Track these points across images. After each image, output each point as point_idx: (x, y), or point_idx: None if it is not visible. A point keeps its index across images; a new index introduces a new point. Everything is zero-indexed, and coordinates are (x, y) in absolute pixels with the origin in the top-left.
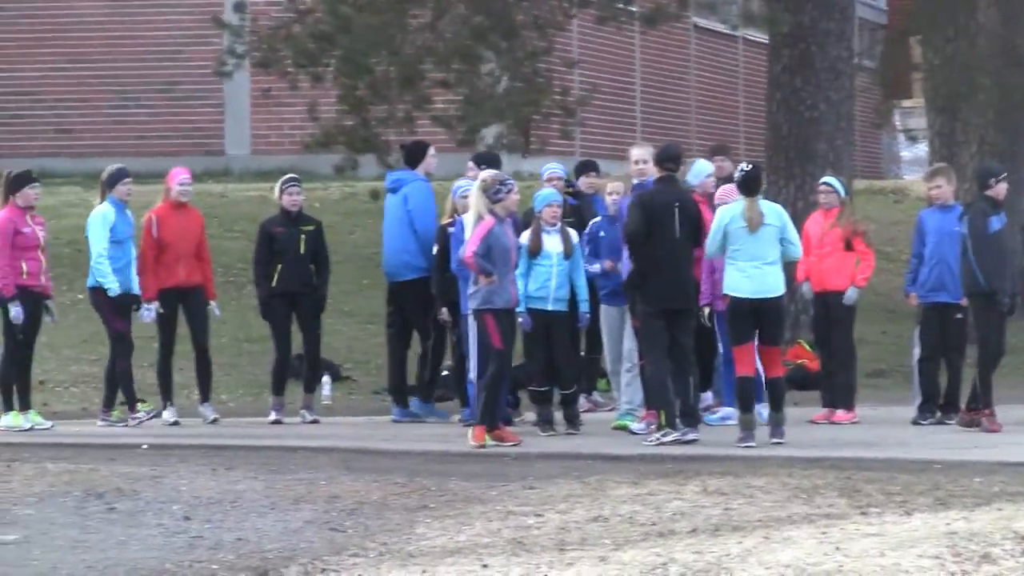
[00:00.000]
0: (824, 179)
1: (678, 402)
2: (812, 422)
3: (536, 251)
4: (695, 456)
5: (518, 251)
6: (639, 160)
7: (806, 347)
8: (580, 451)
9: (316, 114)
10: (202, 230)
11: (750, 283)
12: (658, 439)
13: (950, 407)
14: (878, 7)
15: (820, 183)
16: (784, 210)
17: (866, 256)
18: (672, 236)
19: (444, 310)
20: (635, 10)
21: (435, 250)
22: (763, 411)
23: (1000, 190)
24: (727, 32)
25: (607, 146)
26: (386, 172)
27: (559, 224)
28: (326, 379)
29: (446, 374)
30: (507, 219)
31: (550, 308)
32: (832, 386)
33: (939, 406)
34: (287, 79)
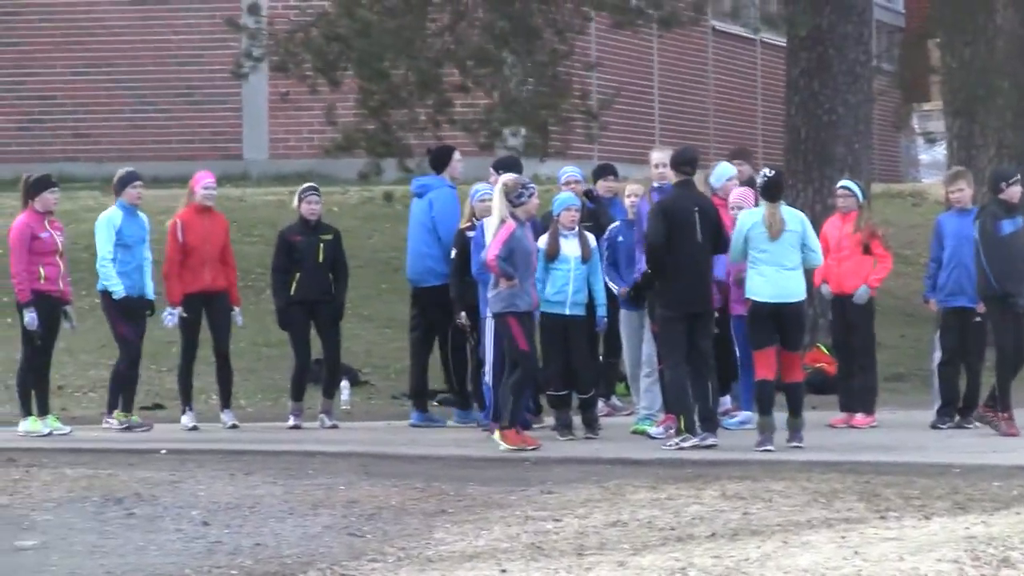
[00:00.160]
0: (842, 183)
1: (697, 407)
2: (831, 426)
3: (554, 255)
4: (714, 460)
5: (537, 255)
6: (659, 164)
7: (824, 351)
8: (599, 455)
9: (334, 118)
10: (227, 234)
11: (771, 288)
12: (677, 444)
13: (969, 411)
14: (896, 10)
15: (838, 187)
16: (806, 217)
17: (884, 259)
18: (693, 240)
19: (463, 314)
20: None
21: (453, 254)
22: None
23: (1013, 193)
24: (745, 35)
25: (625, 150)
26: (408, 176)
27: (577, 228)
28: (345, 384)
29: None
30: (527, 223)
31: (568, 312)
32: (851, 390)
33: (958, 410)
34: (306, 83)
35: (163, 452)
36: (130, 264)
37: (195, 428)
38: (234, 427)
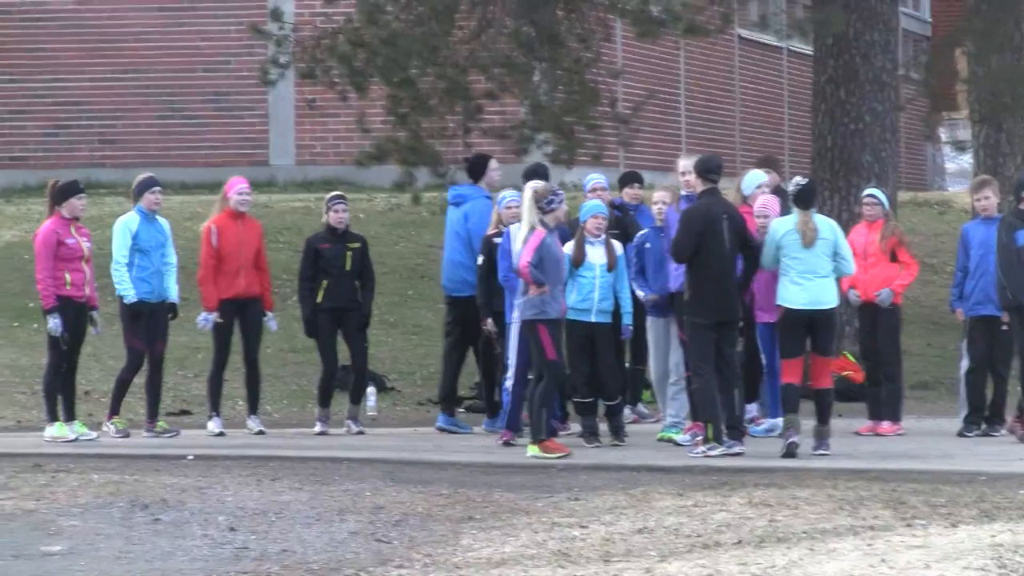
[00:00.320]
0: (868, 191)
1: (724, 415)
2: (857, 434)
3: (579, 262)
4: (740, 468)
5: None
6: (686, 171)
7: (851, 359)
8: (625, 462)
9: (366, 125)
10: (261, 240)
11: (804, 295)
12: (704, 452)
13: (995, 419)
14: (922, 18)
15: (865, 195)
16: (838, 225)
17: (910, 266)
18: (722, 249)
19: (489, 321)
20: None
21: (480, 260)
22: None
23: None
24: (772, 43)
25: (652, 158)
26: (441, 181)
27: (603, 236)
28: (371, 390)
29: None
30: (555, 230)
31: (593, 320)
32: (878, 398)
33: (984, 418)
34: (334, 90)
35: (190, 458)
36: (148, 269)
37: (221, 434)
38: (260, 433)
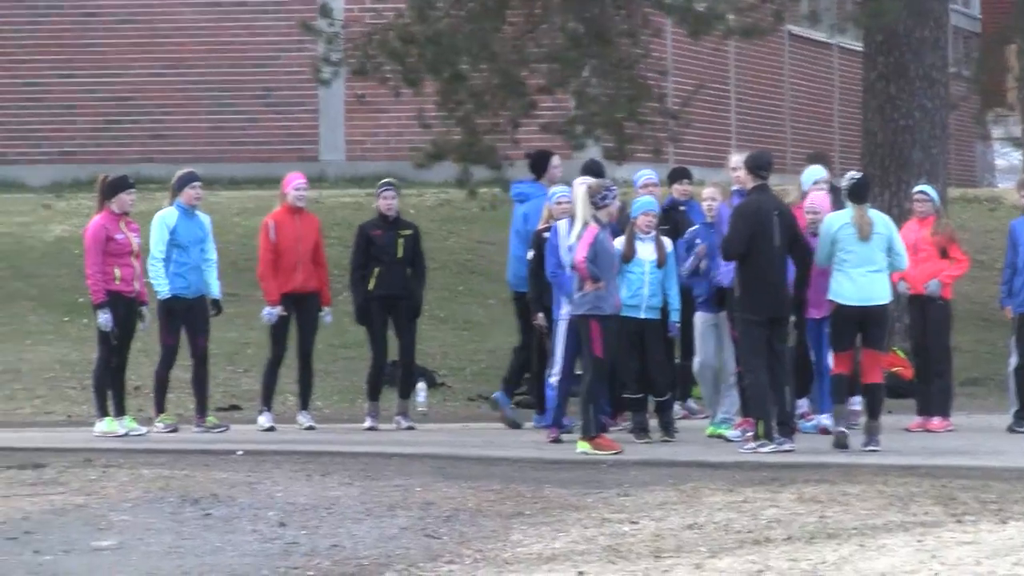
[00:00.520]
0: (919, 187)
1: (774, 412)
2: (907, 430)
3: (629, 258)
4: (790, 464)
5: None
6: (738, 167)
7: (900, 355)
8: (675, 458)
9: (425, 122)
10: (319, 234)
11: (858, 290)
12: (754, 449)
13: None
14: (972, 15)
15: (915, 191)
16: (891, 221)
17: (960, 261)
18: (772, 245)
19: (540, 315)
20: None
21: (530, 255)
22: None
23: None
24: (822, 40)
25: (702, 154)
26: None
27: (653, 232)
28: (421, 386)
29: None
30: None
31: (643, 316)
32: (928, 394)
33: None
34: (386, 85)
35: (240, 453)
36: (186, 265)
37: (271, 429)
38: (311, 428)
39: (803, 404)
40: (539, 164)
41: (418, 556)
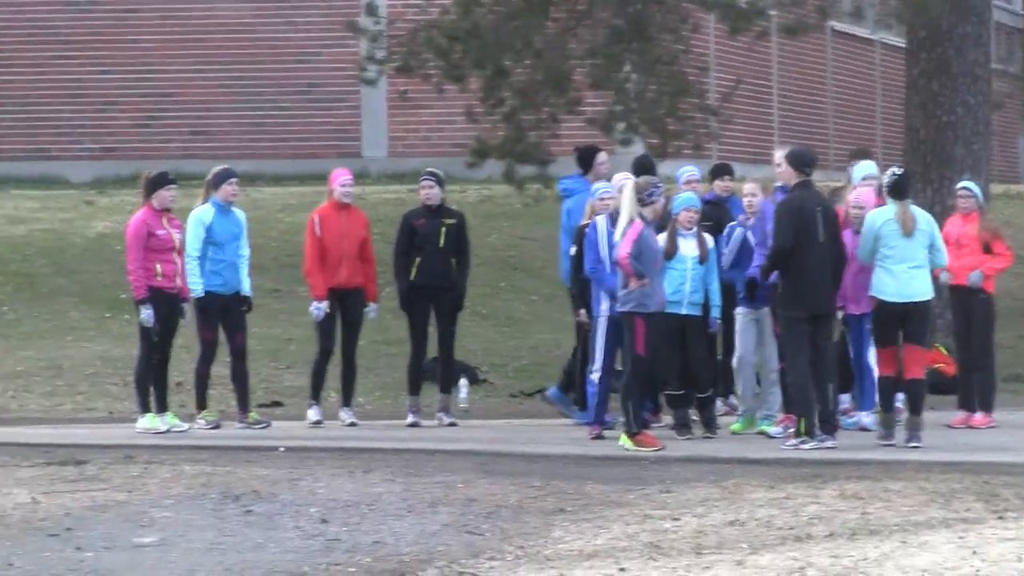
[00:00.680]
0: (962, 183)
1: (816, 409)
2: (949, 426)
3: (671, 254)
4: (832, 460)
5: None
6: (781, 163)
7: (942, 351)
8: (717, 455)
9: (475, 117)
10: (366, 230)
11: (900, 286)
12: (796, 445)
13: None
14: (1015, 11)
15: (959, 187)
16: (932, 218)
17: (1004, 255)
18: (815, 242)
19: (582, 311)
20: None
21: (572, 251)
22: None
23: None
24: (864, 36)
25: (745, 150)
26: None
27: (695, 228)
28: (463, 382)
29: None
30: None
31: (684, 312)
32: (970, 389)
33: None
34: (430, 82)
35: (281, 450)
36: (222, 262)
37: (319, 423)
38: (352, 425)
39: (845, 400)
40: (586, 159)
41: (459, 552)
